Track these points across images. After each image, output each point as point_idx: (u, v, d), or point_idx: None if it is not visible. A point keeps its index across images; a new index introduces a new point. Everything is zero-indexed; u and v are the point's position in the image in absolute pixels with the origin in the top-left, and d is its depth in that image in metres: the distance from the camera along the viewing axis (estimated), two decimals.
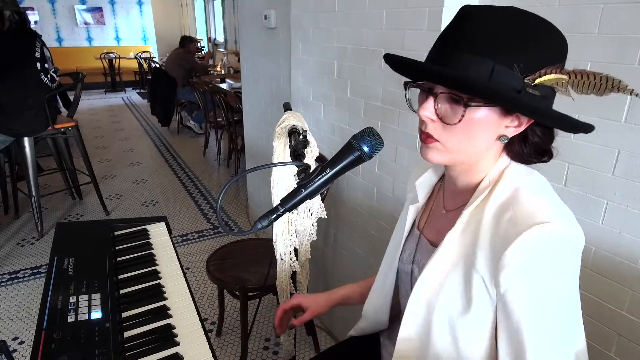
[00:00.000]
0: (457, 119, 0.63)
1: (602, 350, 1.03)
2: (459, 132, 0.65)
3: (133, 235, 1.30)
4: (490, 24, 0.61)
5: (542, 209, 0.61)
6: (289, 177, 1.24)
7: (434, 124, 0.66)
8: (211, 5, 8.63)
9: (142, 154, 5.02)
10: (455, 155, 0.68)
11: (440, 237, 0.79)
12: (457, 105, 0.63)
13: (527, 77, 0.60)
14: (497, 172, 0.70)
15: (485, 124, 0.64)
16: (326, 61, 1.78)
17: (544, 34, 0.61)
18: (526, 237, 0.59)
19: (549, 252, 0.60)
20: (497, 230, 0.64)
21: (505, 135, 0.66)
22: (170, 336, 0.91)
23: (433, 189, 0.87)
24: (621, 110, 0.92)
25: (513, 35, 0.60)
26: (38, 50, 2.71)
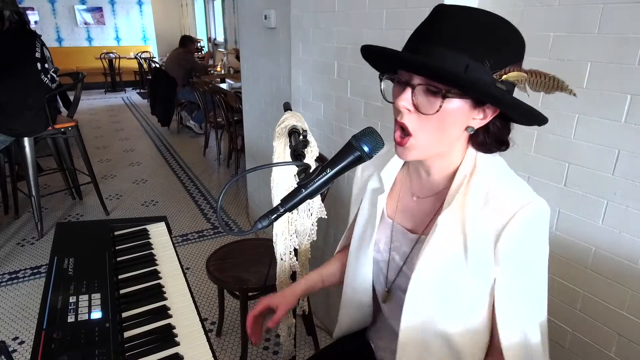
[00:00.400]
0: (435, 109, 0.67)
1: (602, 350, 1.03)
2: (433, 122, 0.69)
3: (133, 235, 1.30)
4: (465, 23, 0.66)
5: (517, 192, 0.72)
6: (289, 177, 1.24)
7: (410, 114, 0.70)
8: (211, 5, 8.63)
9: (142, 154, 5.02)
10: (429, 148, 0.73)
11: (417, 223, 0.85)
12: (435, 96, 0.67)
13: (495, 72, 0.66)
14: (470, 162, 0.76)
15: (457, 115, 0.69)
16: (326, 61, 1.78)
17: (510, 35, 0.68)
18: (516, 219, 0.69)
19: (536, 227, 0.71)
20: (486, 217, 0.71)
21: (471, 127, 0.72)
22: (170, 336, 0.91)
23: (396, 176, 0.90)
24: (621, 110, 0.92)
25: (485, 34, 0.66)
26: (38, 51, 2.71)
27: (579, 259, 1.04)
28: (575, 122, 1.00)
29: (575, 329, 1.08)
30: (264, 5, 2.38)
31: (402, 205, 0.88)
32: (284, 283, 1.43)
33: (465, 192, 0.74)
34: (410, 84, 0.69)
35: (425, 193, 0.84)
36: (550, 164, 1.07)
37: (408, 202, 0.87)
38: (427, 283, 0.77)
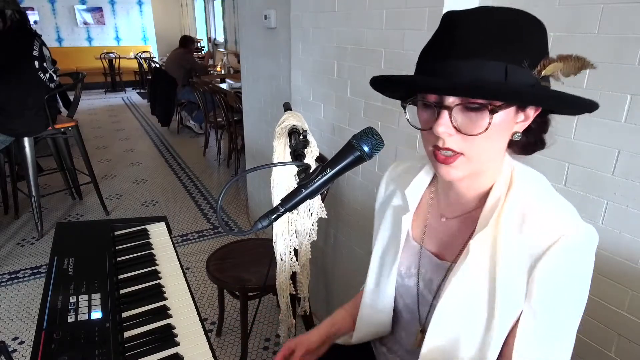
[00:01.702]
0: (483, 127, 0.60)
1: (602, 350, 1.03)
2: (481, 140, 0.62)
3: (133, 235, 1.30)
4: (486, 26, 0.60)
5: (561, 218, 0.64)
6: (289, 177, 1.24)
7: (451, 137, 0.63)
8: (211, 5, 8.63)
9: (142, 154, 5.02)
10: (477, 164, 0.66)
11: (445, 249, 0.78)
12: (477, 113, 0.61)
13: (534, 71, 0.60)
14: (506, 178, 0.70)
15: (504, 126, 0.63)
16: (326, 61, 1.78)
17: (532, 25, 0.62)
18: (556, 249, 0.62)
19: (578, 260, 0.64)
20: (521, 242, 0.65)
21: (517, 132, 0.66)
22: (170, 336, 0.91)
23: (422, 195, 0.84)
24: (621, 110, 0.92)
25: (512, 32, 0.60)
26: (36, 49, 2.71)
27: None
28: (575, 122, 1.00)
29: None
30: (264, 5, 2.38)
31: (429, 227, 0.81)
32: (284, 283, 1.43)
33: (499, 213, 0.67)
34: (444, 106, 0.61)
35: (454, 213, 0.77)
36: (550, 164, 1.07)
37: (436, 224, 0.80)
38: (452, 314, 0.72)
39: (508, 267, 0.66)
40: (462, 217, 0.76)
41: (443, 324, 0.73)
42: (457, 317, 0.71)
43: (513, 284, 0.66)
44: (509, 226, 0.66)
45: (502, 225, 0.66)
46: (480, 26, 0.60)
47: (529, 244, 0.64)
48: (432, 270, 0.79)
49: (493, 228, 0.67)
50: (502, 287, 0.66)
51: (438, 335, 0.74)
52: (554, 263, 0.62)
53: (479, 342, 0.70)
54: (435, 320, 0.73)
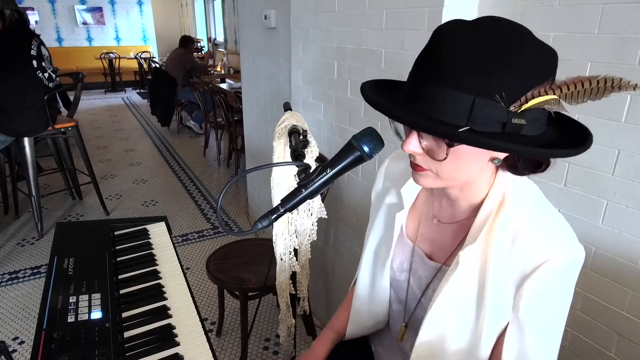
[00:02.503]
0: (443, 156, 0.62)
1: (602, 350, 1.03)
2: (448, 164, 0.63)
3: (133, 235, 1.30)
4: (467, 50, 0.57)
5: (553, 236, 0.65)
6: (289, 177, 1.24)
7: (421, 156, 0.65)
8: (211, 5, 8.63)
9: (142, 154, 5.02)
10: (449, 183, 0.69)
11: (435, 250, 0.81)
12: (441, 142, 0.61)
13: (512, 104, 0.56)
14: (498, 193, 0.69)
15: (474, 155, 0.63)
16: (326, 61, 1.78)
17: (528, 52, 0.57)
18: (546, 268, 0.63)
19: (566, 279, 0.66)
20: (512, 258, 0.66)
21: (497, 158, 0.65)
22: (170, 336, 0.91)
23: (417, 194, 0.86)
24: (621, 110, 0.92)
25: (493, 59, 0.56)
26: (34, 48, 2.70)
27: None
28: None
29: (575, 329, 1.08)
30: (264, 5, 2.38)
31: (423, 227, 0.83)
32: (284, 283, 1.43)
33: (490, 227, 0.68)
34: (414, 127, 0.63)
35: (448, 219, 0.78)
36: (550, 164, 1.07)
37: (429, 225, 0.82)
38: (443, 321, 0.74)
39: (498, 279, 0.68)
40: (454, 224, 0.77)
41: (434, 328, 0.75)
42: (447, 322, 0.74)
43: (501, 295, 0.68)
44: (500, 242, 0.67)
45: (493, 239, 0.67)
46: (459, 50, 0.57)
47: (518, 261, 0.65)
48: (423, 268, 0.82)
49: (483, 242, 0.68)
50: (491, 296, 0.68)
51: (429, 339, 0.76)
52: (541, 283, 0.64)
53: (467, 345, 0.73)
54: (426, 325, 0.76)
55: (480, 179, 0.70)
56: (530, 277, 0.64)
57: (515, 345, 0.69)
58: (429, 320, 0.75)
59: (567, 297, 0.67)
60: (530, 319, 0.67)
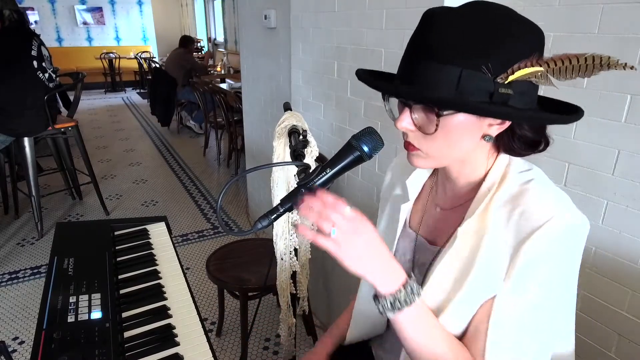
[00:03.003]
0: (433, 128, 0.63)
1: (602, 350, 1.03)
2: (439, 139, 0.64)
3: (133, 235, 1.30)
4: (454, 28, 0.60)
5: (552, 202, 0.63)
6: (289, 177, 1.24)
7: (413, 133, 0.67)
8: (211, 5, 8.63)
9: (142, 154, 5.02)
10: (440, 160, 0.69)
11: (437, 235, 0.79)
12: (431, 114, 0.63)
13: (499, 76, 0.58)
14: (499, 172, 0.69)
15: (464, 128, 0.64)
16: (326, 61, 1.78)
17: (513, 27, 0.60)
18: (544, 231, 0.60)
19: (565, 243, 0.62)
20: (508, 225, 0.64)
21: (489, 135, 0.65)
22: (170, 336, 0.91)
23: (423, 186, 0.86)
24: (621, 110, 0.92)
25: (479, 35, 0.59)
26: (35, 49, 2.70)
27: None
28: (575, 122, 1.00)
29: (575, 329, 1.08)
30: (264, 5, 2.38)
31: (426, 216, 0.83)
32: (284, 283, 1.43)
33: (489, 202, 0.67)
34: (407, 104, 0.65)
35: (450, 204, 0.78)
36: (550, 164, 1.07)
37: (432, 212, 0.82)
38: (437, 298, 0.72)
39: (492, 249, 0.65)
40: (455, 208, 0.77)
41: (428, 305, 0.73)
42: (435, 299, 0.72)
43: (492, 265, 0.65)
44: (499, 214, 0.66)
45: (491, 213, 0.66)
46: (447, 28, 0.60)
47: (515, 229, 0.63)
48: (425, 255, 0.80)
49: (481, 217, 0.67)
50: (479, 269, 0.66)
51: None
52: (536, 248, 0.61)
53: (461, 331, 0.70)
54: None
55: (476, 159, 0.70)
56: (526, 243, 0.61)
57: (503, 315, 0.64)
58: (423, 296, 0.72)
59: (568, 267, 0.63)
60: (523, 289, 0.63)
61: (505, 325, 0.65)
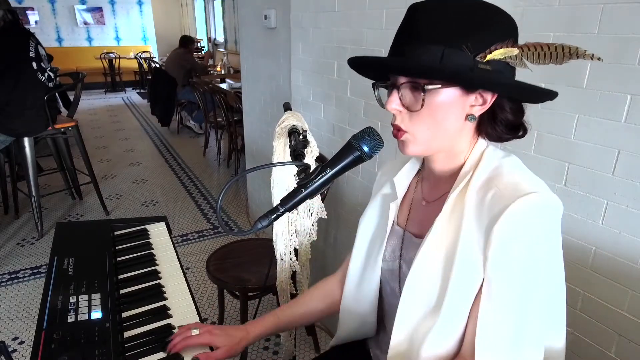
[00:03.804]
0: (420, 104, 0.66)
1: (602, 350, 1.03)
2: (424, 117, 0.67)
3: (133, 235, 1.30)
4: (437, 14, 0.65)
5: (524, 182, 0.65)
6: (289, 177, 1.24)
7: (401, 115, 0.69)
8: (211, 5, 8.63)
9: (142, 154, 5.02)
10: (429, 143, 0.70)
11: (423, 228, 0.79)
12: (417, 91, 0.66)
13: (477, 55, 0.63)
14: (476, 156, 0.72)
15: (448, 106, 0.67)
16: (326, 61, 1.78)
17: (489, 15, 0.65)
18: (513, 209, 0.61)
19: (536, 220, 0.62)
20: (482, 207, 0.65)
21: (472, 114, 0.68)
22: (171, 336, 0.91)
23: (410, 183, 0.87)
24: (621, 110, 0.92)
25: (460, 20, 0.64)
26: (32, 50, 2.69)
27: (579, 259, 1.04)
28: (575, 122, 1.00)
29: (575, 329, 1.08)
30: (264, 5, 2.38)
31: (413, 212, 0.84)
32: (284, 283, 1.43)
33: (465, 187, 0.69)
34: (396, 86, 0.68)
35: (433, 196, 0.80)
36: (551, 164, 1.07)
37: (419, 208, 0.83)
38: (421, 291, 0.72)
39: (469, 236, 0.66)
40: (439, 199, 0.78)
41: (412, 297, 0.73)
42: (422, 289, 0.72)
43: (472, 252, 0.65)
44: (474, 197, 0.67)
45: (468, 197, 0.68)
46: (430, 13, 0.66)
47: (488, 209, 0.64)
48: (412, 249, 0.80)
49: (458, 201, 0.69)
50: (461, 257, 0.66)
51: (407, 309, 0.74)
52: (509, 225, 0.61)
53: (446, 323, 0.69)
54: (404, 294, 0.74)
55: (459, 145, 0.72)
56: (498, 222, 0.61)
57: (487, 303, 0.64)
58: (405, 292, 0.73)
59: (542, 247, 0.63)
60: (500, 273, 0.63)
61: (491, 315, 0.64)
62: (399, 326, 0.75)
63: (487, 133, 0.71)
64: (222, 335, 0.91)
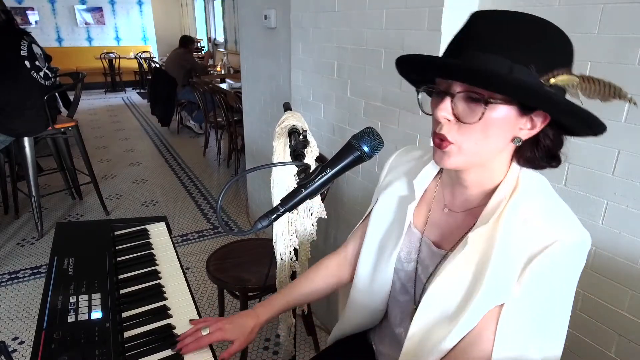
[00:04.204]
0: (477, 117, 0.63)
1: (602, 350, 1.03)
2: (475, 132, 0.65)
3: (133, 235, 1.30)
4: (504, 25, 0.62)
5: (561, 220, 0.67)
6: (289, 177, 1.24)
7: (449, 124, 0.66)
8: (211, 5, 8.63)
9: (142, 154, 5.02)
10: (470, 157, 0.68)
11: (445, 238, 0.80)
12: (477, 103, 0.63)
13: (541, 77, 0.61)
14: (512, 180, 0.71)
15: (502, 124, 0.64)
16: (326, 61, 1.78)
17: (554, 36, 0.63)
18: (552, 251, 0.63)
19: (571, 262, 0.66)
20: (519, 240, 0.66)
21: (518, 137, 0.66)
22: (170, 336, 0.91)
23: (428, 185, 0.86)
24: (621, 110, 0.92)
25: (526, 36, 0.62)
26: (24, 49, 2.66)
27: None
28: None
29: (575, 329, 1.08)
30: (264, 5, 2.38)
31: (432, 217, 0.83)
32: (284, 283, 1.43)
33: (502, 211, 0.69)
34: (449, 93, 0.65)
35: (459, 207, 0.79)
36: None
37: (439, 215, 0.82)
38: (441, 300, 0.73)
39: (502, 259, 0.67)
40: (465, 212, 0.77)
41: (431, 306, 0.75)
42: (444, 306, 0.73)
43: (503, 274, 0.67)
44: (509, 225, 0.67)
45: (502, 223, 0.68)
46: (498, 25, 0.63)
47: (525, 244, 0.66)
48: (430, 257, 0.81)
49: (493, 225, 0.69)
50: (491, 275, 0.67)
51: (425, 316, 0.76)
52: (547, 262, 0.64)
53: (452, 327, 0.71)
54: (424, 302, 0.75)
55: (496, 163, 0.71)
56: (536, 259, 0.64)
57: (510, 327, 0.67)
58: (426, 300, 0.75)
59: (571, 281, 0.67)
60: (531, 298, 0.66)
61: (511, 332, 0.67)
62: (414, 330, 0.77)
63: (525, 158, 0.70)
64: (232, 328, 0.94)
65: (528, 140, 0.68)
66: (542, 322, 0.67)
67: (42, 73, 2.75)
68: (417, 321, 0.77)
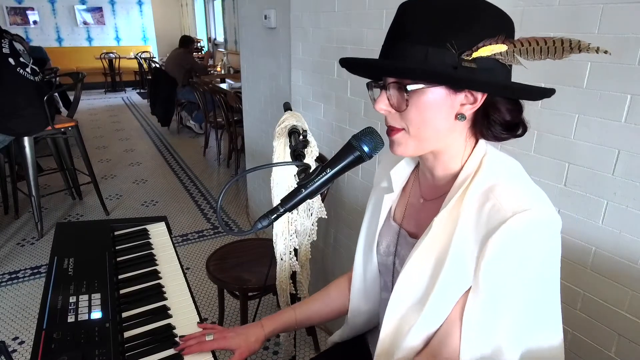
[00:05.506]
0: (405, 104, 0.65)
1: (602, 350, 1.03)
2: (413, 117, 0.66)
3: (133, 235, 1.30)
4: (423, 13, 0.64)
5: (522, 197, 0.63)
6: (289, 177, 1.24)
7: (392, 115, 0.69)
8: (211, 5, 8.63)
9: (142, 154, 5.02)
10: (420, 142, 0.69)
11: (420, 228, 0.79)
12: (402, 92, 0.65)
13: (463, 52, 0.61)
14: (475, 161, 0.70)
15: (435, 105, 0.65)
16: (326, 61, 1.78)
17: (478, 11, 0.63)
18: (510, 224, 0.60)
19: (531, 237, 0.61)
20: (479, 218, 0.64)
21: (462, 114, 0.66)
22: (171, 336, 0.91)
23: (408, 178, 0.86)
24: (621, 110, 0.92)
25: (445, 17, 0.62)
26: (5, 46, 2.64)
27: (579, 259, 1.04)
28: (575, 122, 1.00)
29: (575, 329, 1.08)
30: (264, 5, 2.38)
31: (410, 209, 0.84)
32: (284, 283, 1.43)
33: (464, 192, 0.68)
34: (384, 86, 0.68)
35: (431, 195, 0.79)
36: (550, 164, 1.07)
37: (416, 205, 0.82)
38: (410, 287, 0.73)
39: (463, 242, 0.66)
40: (437, 199, 0.77)
41: (402, 294, 0.75)
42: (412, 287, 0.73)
43: (464, 256, 0.65)
44: (471, 205, 0.66)
45: (465, 203, 0.67)
46: (416, 13, 0.65)
47: (485, 220, 0.63)
48: (406, 248, 0.81)
49: (456, 206, 0.68)
50: (452, 260, 0.66)
51: (397, 305, 0.76)
52: (504, 240, 0.61)
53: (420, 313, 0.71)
54: (395, 290, 0.75)
55: (452, 145, 0.70)
56: (493, 235, 0.61)
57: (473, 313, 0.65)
58: (396, 289, 0.74)
59: (538, 262, 0.63)
60: (490, 287, 0.63)
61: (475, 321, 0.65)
62: (388, 320, 0.77)
63: (482, 133, 0.69)
64: (235, 337, 0.93)
65: (478, 114, 0.67)
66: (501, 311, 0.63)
67: (28, 69, 2.71)
68: (390, 310, 0.76)
